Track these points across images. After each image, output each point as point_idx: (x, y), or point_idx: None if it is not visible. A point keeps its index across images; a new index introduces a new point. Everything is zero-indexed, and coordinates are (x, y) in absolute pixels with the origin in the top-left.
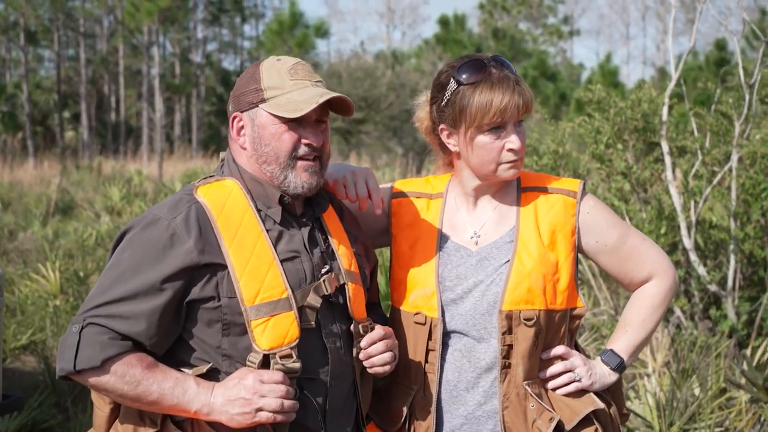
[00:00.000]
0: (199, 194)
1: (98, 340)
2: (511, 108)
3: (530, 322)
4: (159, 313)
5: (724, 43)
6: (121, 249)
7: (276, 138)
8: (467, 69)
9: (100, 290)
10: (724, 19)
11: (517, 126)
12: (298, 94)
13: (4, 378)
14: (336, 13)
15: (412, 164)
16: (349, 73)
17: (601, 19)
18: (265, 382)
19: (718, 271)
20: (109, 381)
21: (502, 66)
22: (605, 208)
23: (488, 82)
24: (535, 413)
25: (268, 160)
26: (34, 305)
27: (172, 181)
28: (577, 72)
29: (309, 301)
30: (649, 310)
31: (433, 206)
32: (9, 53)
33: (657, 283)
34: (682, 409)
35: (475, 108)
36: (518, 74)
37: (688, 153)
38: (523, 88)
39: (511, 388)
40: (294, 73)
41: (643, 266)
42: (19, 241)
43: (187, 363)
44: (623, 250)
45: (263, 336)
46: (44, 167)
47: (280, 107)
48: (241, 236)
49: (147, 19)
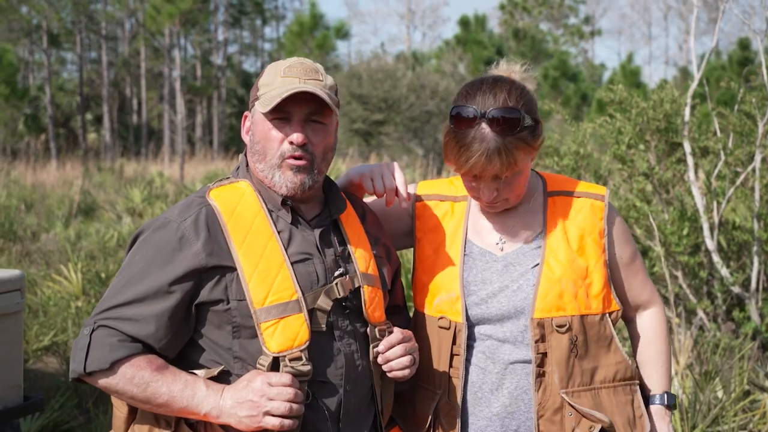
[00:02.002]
0: (211, 197)
1: (108, 342)
2: (480, 169)
3: (563, 329)
4: (168, 316)
5: (747, 43)
6: (133, 252)
7: (264, 135)
8: (458, 112)
9: (111, 293)
10: (748, 18)
11: (495, 180)
12: (279, 90)
13: (26, 379)
14: (356, 14)
15: (432, 165)
16: (369, 75)
17: (622, 19)
18: (273, 385)
19: (742, 272)
20: (119, 383)
21: (497, 123)
22: (623, 222)
23: (468, 138)
24: (573, 422)
25: (259, 158)
26: (56, 306)
27: (194, 182)
28: (599, 72)
29: (320, 303)
30: (665, 338)
31: (457, 209)
32: (32, 56)
33: (658, 311)
34: (705, 412)
35: (450, 154)
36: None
37: (711, 153)
38: (506, 154)
39: (547, 396)
40: (287, 71)
41: (645, 288)
42: (41, 243)
43: (199, 365)
44: (632, 267)
45: (273, 338)
46: (67, 169)
47: (263, 103)
48: (252, 238)
49: (168, 21)
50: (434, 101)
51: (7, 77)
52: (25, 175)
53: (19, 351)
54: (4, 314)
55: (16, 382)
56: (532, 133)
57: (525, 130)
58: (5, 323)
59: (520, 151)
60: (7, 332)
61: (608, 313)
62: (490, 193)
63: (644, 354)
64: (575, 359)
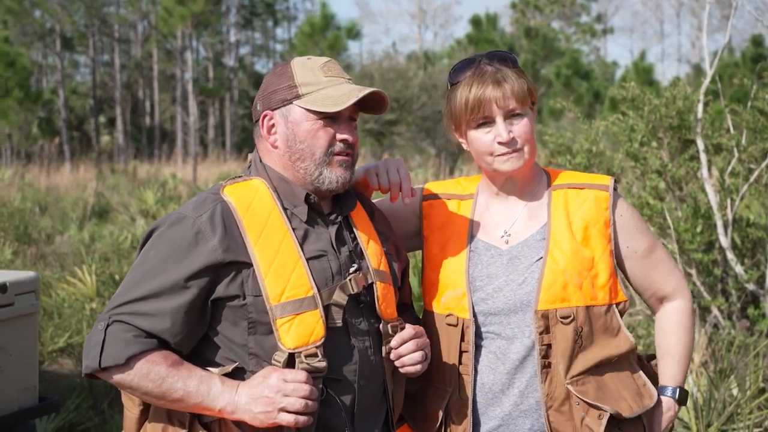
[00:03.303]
0: (225, 193)
1: (123, 337)
2: (486, 101)
3: (567, 320)
4: (184, 311)
5: (760, 39)
6: (147, 248)
7: (311, 134)
8: (456, 69)
9: (125, 289)
10: (761, 15)
11: (509, 117)
12: (333, 90)
13: (42, 381)
14: (367, 14)
15: (445, 165)
16: (381, 74)
17: (634, 16)
18: (288, 381)
19: (756, 269)
20: (134, 378)
21: (492, 60)
22: (637, 214)
23: (469, 79)
24: (582, 411)
25: (303, 156)
26: (70, 308)
27: (207, 184)
28: (611, 70)
29: (335, 299)
30: (689, 332)
31: (463, 207)
32: (45, 59)
33: (684, 304)
34: (720, 410)
35: (456, 106)
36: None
37: (724, 150)
38: (506, 80)
39: (554, 387)
40: (327, 70)
41: (669, 280)
42: (56, 245)
43: (214, 362)
44: (651, 259)
45: (288, 334)
46: (80, 172)
47: (316, 103)
48: (267, 235)
49: (180, 23)
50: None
51: (20, 81)
52: (39, 178)
53: (35, 352)
54: (19, 316)
55: (32, 383)
56: (527, 79)
57: (523, 73)
58: (20, 325)
59: (523, 81)
60: (22, 334)
61: (615, 304)
62: (506, 131)
63: (663, 346)
64: (579, 350)
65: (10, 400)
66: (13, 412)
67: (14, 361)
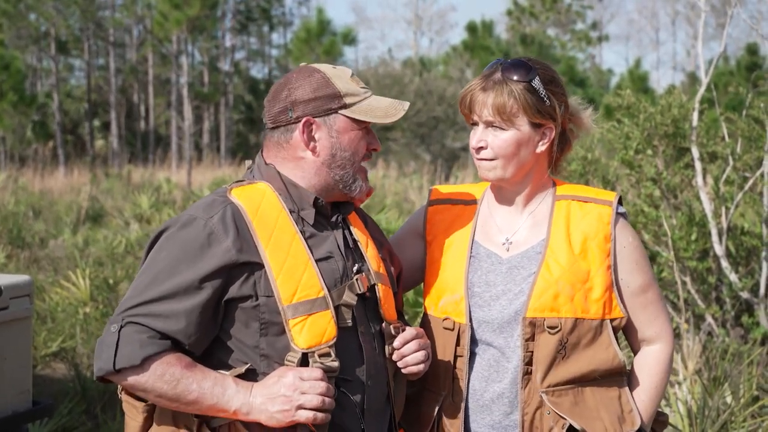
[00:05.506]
0: (233, 195)
1: (138, 338)
2: (472, 103)
3: (554, 330)
4: (198, 312)
5: (755, 48)
6: (157, 249)
7: (355, 143)
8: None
9: (137, 291)
10: (756, 23)
11: (491, 126)
12: (375, 101)
13: (35, 385)
14: (363, 20)
15: (440, 171)
16: (376, 81)
17: (630, 24)
18: (305, 379)
19: (750, 277)
20: (149, 380)
21: (507, 67)
22: (641, 248)
23: (478, 77)
24: (551, 420)
25: (344, 164)
26: (64, 312)
27: (201, 189)
28: (606, 78)
29: (345, 299)
30: (662, 375)
31: (468, 212)
32: (40, 63)
33: (663, 349)
34: (714, 418)
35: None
36: (523, 81)
37: (719, 158)
38: (493, 89)
39: (531, 395)
40: (357, 81)
41: (654, 324)
42: (49, 249)
43: (225, 364)
44: (641, 299)
45: (301, 335)
46: (74, 175)
47: (364, 113)
48: (277, 237)
49: (176, 28)
50: (441, 107)
51: (15, 84)
52: (33, 181)
53: (28, 356)
54: (12, 320)
55: (25, 387)
56: (537, 97)
57: (532, 90)
58: (15, 328)
59: (516, 100)
60: (16, 337)
61: (610, 319)
62: (478, 139)
63: (633, 385)
64: (561, 360)
65: (4, 403)
66: (7, 416)
67: (8, 365)
